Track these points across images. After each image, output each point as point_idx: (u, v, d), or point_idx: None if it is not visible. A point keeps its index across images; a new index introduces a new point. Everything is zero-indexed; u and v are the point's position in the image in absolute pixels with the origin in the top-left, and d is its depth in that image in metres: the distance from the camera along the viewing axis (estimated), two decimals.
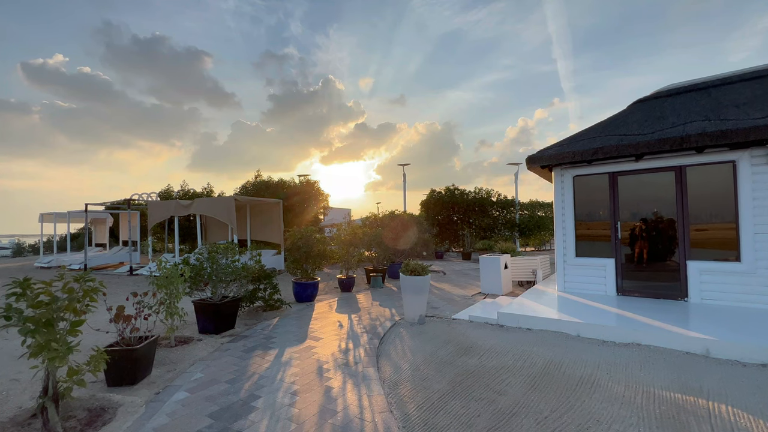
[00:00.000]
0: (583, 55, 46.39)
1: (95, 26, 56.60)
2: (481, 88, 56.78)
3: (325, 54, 62.98)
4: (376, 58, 63.23)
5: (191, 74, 65.69)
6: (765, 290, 5.10)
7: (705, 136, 5.13)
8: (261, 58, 63.82)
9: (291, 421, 2.74)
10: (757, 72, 6.25)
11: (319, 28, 54.67)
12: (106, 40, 53.02)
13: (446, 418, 2.76)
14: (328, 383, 3.42)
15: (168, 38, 61.58)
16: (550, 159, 6.51)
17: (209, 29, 48.98)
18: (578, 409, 2.84)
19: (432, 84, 61.95)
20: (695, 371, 3.55)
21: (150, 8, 46.48)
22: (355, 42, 56.24)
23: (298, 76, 71.26)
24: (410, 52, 52.19)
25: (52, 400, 2.60)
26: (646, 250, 6.08)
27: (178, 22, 47.51)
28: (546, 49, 48.75)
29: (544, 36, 44.07)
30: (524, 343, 4.45)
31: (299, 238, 7.29)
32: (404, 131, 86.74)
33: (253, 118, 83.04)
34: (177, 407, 2.98)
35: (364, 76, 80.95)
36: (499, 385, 3.30)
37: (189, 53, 60.13)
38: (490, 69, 52.67)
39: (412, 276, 5.61)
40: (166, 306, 4.38)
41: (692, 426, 2.58)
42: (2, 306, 2.53)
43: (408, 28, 45.81)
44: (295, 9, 48.01)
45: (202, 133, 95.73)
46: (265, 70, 67.52)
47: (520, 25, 41.32)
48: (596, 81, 62.32)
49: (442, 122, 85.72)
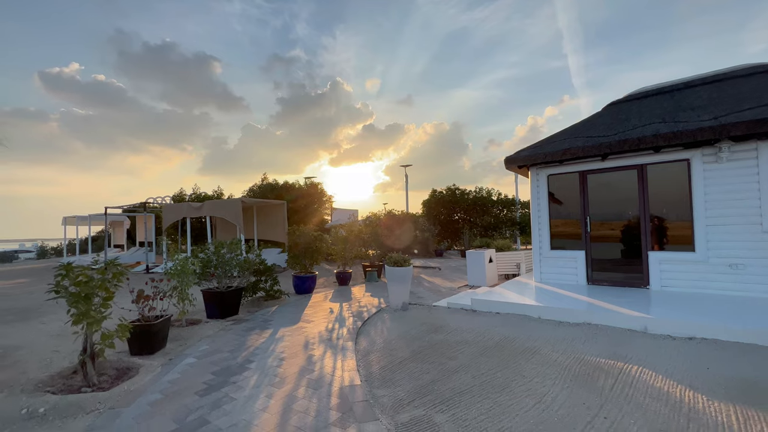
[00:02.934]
0: (595, 49, 45.70)
1: (108, 34, 58.38)
2: (488, 86, 56.34)
3: (332, 55, 63.06)
4: (382, 59, 63.18)
5: (201, 79, 67.82)
6: (715, 277, 5.57)
7: (659, 137, 5.63)
8: (268, 61, 64.92)
9: (276, 377, 3.41)
10: (718, 76, 6.70)
11: (325, 29, 54.79)
12: (119, 48, 55.15)
13: (401, 374, 3.40)
14: (311, 352, 4.09)
15: (177, 44, 62.90)
16: (525, 159, 7.07)
17: (216, 33, 49.82)
18: (512, 369, 3.44)
19: (439, 83, 61.94)
20: (629, 343, 4.09)
21: (158, 14, 47.60)
22: (361, 42, 56.31)
23: (305, 78, 72.59)
24: (416, 51, 52.09)
25: (89, 358, 3.33)
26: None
27: (186, 27, 48.50)
28: (556, 45, 48.23)
29: (553, 31, 43.69)
30: (489, 324, 5.04)
31: (298, 236, 7.99)
32: (412, 132, 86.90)
33: (261, 122, 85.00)
34: (186, 368, 3.68)
35: (371, 77, 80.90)
36: (453, 353, 3.91)
37: (198, 58, 61.69)
38: (498, 66, 52.25)
39: (395, 267, 6.24)
40: (178, 292, 5.12)
41: (599, 379, 3.16)
42: (53, 284, 3.26)
43: (413, 27, 45.84)
44: (300, 10, 48.29)
45: (213, 137, 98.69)
46: (273, 73, 68.66)
47: (528, 21, 41.07)
48: (608, 76, 61.33)
49: (450, 122, 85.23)
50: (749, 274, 5.34)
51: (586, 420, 2.51)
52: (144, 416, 2.73)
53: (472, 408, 2.71)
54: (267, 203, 13.30)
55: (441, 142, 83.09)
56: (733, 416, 2.52)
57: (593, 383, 3.09)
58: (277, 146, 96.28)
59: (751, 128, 5.01)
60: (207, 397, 3.02)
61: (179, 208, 12.69)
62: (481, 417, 2.58)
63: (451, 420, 2.56)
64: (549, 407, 2.69)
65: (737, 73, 6.54)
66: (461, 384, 3.13)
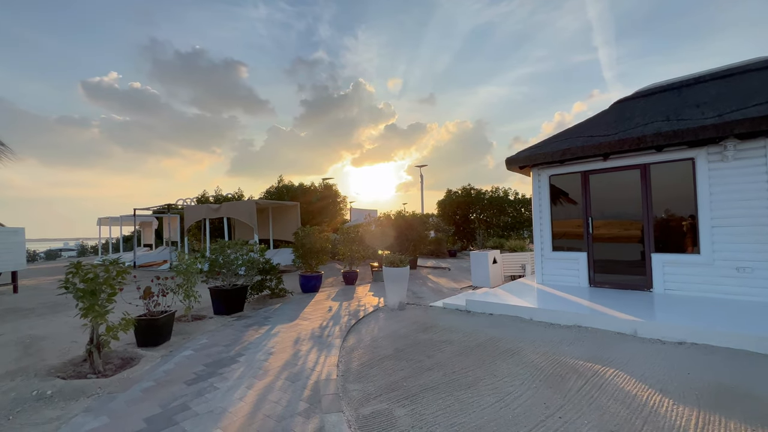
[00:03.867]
0: (628, 41, 44.06)
1: (143, 44, 62.03)
2: (514, 83, 55.53)
3: (354, 56, 64.16)
4: (404, 58, 63.52)
5: (228, 84, 70.68)
6: (721, 280, 5.36)
7: (659, 135, 5.48)
8: (292, 64, 67.18)
9: (260, 369, 3.65)
10: (729, 70, 6.39)
11: (347, 30, 55.84)
12: (153, 56, 58.81)
13: (377, 370, 3.54)
14: (299, 348, 4.31)
15: (206, 51, 66.12)
16: (525, 160, 7.02)
17: (243, 38, 51.86)
18: (485, 368, 3.51)
19: (462, 81, 61.35)
20: (615, 347, 4.05)
21: (188, 23, 50.10)
22: (383, 42, 56.92)
23: (328, 80, 73.77)
24: (438, 49, 52.14)
25: (95, 348, 3.68)
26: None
27: (214, 33, 50.67)
28: (585, 37, 46.83)
29: (582, 23, 42.49)
30: (479, 325, 5.09)
31: (303, 236, 8.27)
32: (434, 131, 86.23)
33: (286, 124, 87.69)
34: (182, 359, 3.99)
35: (393, 77, 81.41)
36: (433, 352, 4.01)
37: (226, 64, 64.75)
38: (524, 62, 51.43)
39: (392, 267, 6.38)
40: (184, 289, 5.48)
41: (569, 381, 3.18)
42: (62, 281, 3.64)
43: (436, 24, 45.91)
44: (323, 12, 49.52)
45: (240, 139, 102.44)
46: (297, 76, 70.87)
47: (555, 13, 40.15)
48: (641, 68, 58.75)
49: (474, 120, 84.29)
50: (757, 278, 5.11)
51: (539, 419, 2.57)
52: (135, 401, 3.02)
53: (433, 404, 2.83)
54: (281, 204, 13.74)
55: (464, 140, 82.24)
56: (693, 420, 2.50)
57: (562, 384, 3.12)
58: (301, 147, 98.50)
59: (756, 125, 4.80)
60: (194, 386, 3.29)
61: (199, 210, 13.34)
62: (439, 412, 2.69)
63: (410, 414, 2.69)
64: (507, 405, 2.76)
65: (750, 66, 6.22)
66: (430, 381, 3.24)
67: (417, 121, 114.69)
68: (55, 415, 2.83)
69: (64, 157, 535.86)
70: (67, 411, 2.89)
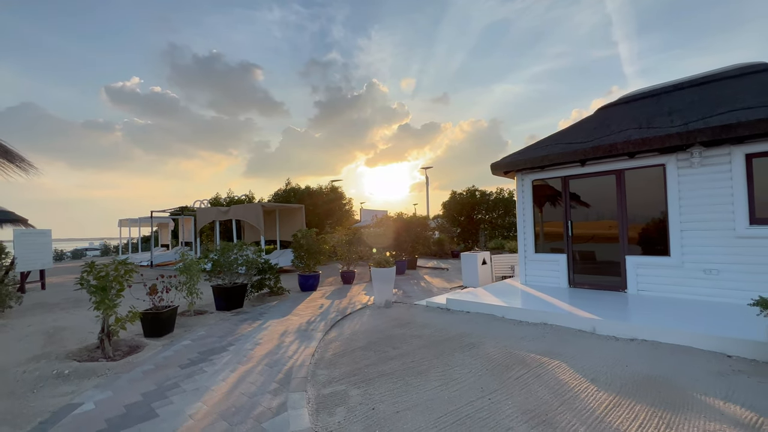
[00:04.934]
0: (650, 34, 43.00)
1: (162, 49, 64.40)
2: (530, 80, 55.00)
3: (367, 56, 64.72)
4: (417, 58, 63.66)
5: (244, 86, 72.72)
6: (690, 282, 5.58)
7: (629, 143, 5.73)
8: (306, 66, 68.36)
9: (245, 357, 4.15)
10: (707, 77, 6.56)
11: (360, 30, 56.43)
12: (172, 61, 61.13)
13: (346, 359, 4.00)
14: (283, 339, 4.80)
15: (223, 55, 68.06)
16: (507, 166, 7.34)
17: (258, 42, 53.16)
18: (443, 359, 3.91)
19: (476, 79, 60.99)
20: (571, 343, 4.38)
21: (206, 27, 51.67)
22: (396, 41, 57.27)
23: (341, 81, 74.91)
24: (452, 47, 52.12)
25: (106, 336, 4.27)
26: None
27: (231, 37, 52.12)
28: (604, 32, 46.06)
29: (601, 17, 41.76)
30: (454, 322, 5.47)
31: (301, 237, 8.80)
32: (448, 130, 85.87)
33: (301, 125, 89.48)
34: (180, 347, 4.54)
35: (406, 77, 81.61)
36: (400, 345, 4.44)
37: (241, 67, 66.59)
38: (540, 59, 50.91)
39: (379, 268, 6.82)
40: (187, 287, 6.07)
41: (513, 370, 3.56)
42: (78, 278, 4.24)
43: (449, 22, 45.89)
44: (336, 13, 50.22)
45: (256, 141, 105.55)
46: (311, 77, 72.14)
47: (573, 8, 39.59)
48: (664, 63, 57.17)
49: (489, 119, 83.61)
50: (723, 280, 5.32)
51: (471, 399, 2.97)
52: (135, 380, 3.57)
53: (384, 386, 3.26)
54: (287, 207, 14.36)
55: (478, 139, 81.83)
56: (605, 404, 2.85)
57: (505, 373, 3.50)
58: (316, 148, 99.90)
59: (716, 134, 5.02)
60: (186, 369, 3.82)
61: (210, 212, 14.09)
62: (386, 393, 3.13)
63: (362, 394, 3.13)
64: (448, 388, 3.17)
65: (727, 74, 6.38)
66: (389, 368, 3.67)
67: (431, 121, 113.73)
68: (70, 389, 3.40)
69: (90, 160, 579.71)
70: (80, 387, 3.45)
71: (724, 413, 2.68)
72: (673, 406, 2.81)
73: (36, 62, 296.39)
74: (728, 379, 3.26)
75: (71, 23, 77.98)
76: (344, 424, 2.67)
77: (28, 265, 9.53)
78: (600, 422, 2.60)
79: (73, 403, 3.12)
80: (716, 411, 2.71)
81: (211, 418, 2.82)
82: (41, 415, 2.93)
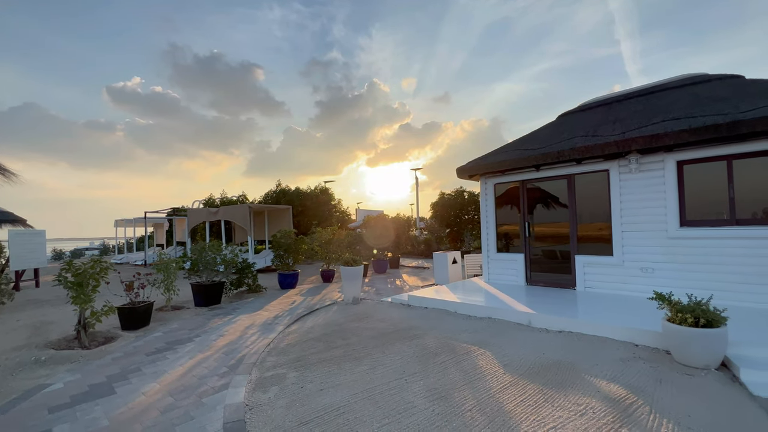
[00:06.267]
0: (652, 32, 43.01)
1: (163, 49, 64.97)
2: (532, 79, 55.11)
3: (368, 55, 64.94)
4: (419, 57, 63.87)
5: (245, 86, 73.22)
6: (630, 279, 5.99)
7: (574, 150, 6.15)
8: (307, 66, 68.87)
9: (207, 346, 4.60)
10: (653, 87, 6.96)
11: (361, 29, 56.66)
12: (173, 61, 61.69)
13: (296, 348, 4.43)
14: (246, 332, 5.25)
15: (224, 55, 68.56)
16: (471, 170, 7.76)
17: (259, 41, 53.53)
18: (382, 348, 4.34)
19: (478, 79, 61.19)
20: (505, 334, 4.80)
21: (207, 27, 52.08)
22: (397, 40, 57.51)
23: (342, 80, 75.41)
24: (454, 46, 52.32)
25: (82, 328, 4.72)
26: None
27: (231, 36, 52.52)
28: (606, 30, 46.14)
29: (603, 15, 41.92)
30: (410, 316, 5.90)
31: (280, 237, 9.25)
32: (449, 129, 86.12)
33: (302, 125, 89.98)
34: (152, 338, 4.99)
35: (408, 76, 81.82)
36: (351, 336, 4.87)
37: (242, 67, 67.02)
38: (542, 57, 51.06)
39: (347, 266, 7.25)
40: (165, 284, 6.52)
41: (440, 357, 3.99)
42: (57, 274, 4.69)
43: (451, 21, 46.09)
44: (337, 12, 50.48)
45: (257, 141, 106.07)
46: (312, 77, 72.52)
47: (575, 6, 39.74)
48: (667, 61, 57.05)
49: (490, 118, 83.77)
50: (657, 277, 5.73)
51: (389, 380, 3.40)
52: (104, 365, 4.02)
53: (319, 370, 3.70)
54: (276, 208, 14.81)
55: (480, 139, 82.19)
56: (504, 383, 3.28)
57: (431, 360, 3.93)
58: (317, 148, 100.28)
59: (648, 143, 5.43)
60: (151, 356, 4.27)
61: (200, 213, 14.56)
62: (320, 376, 3.56)
63: (298, 376, 3.57)
64: (374, 372, 3.60)
65: (671, 84, 6.78)
66: (330, 356, 4.11)
67: (432, 120, 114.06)
68: (45, 373, 3.86)
69: (92, 160, 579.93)
70: (54, 371, 3.91)
71: (601, 390, 3.11)
72: (562, 385, 3.23)
73: (38, 62, 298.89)
74: (626, 364, 3.69)
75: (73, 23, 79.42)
76: (273, 400, 3.11)
77: (22, 264, 10.01)
78: (490, 397, 3.04)
79: (45, 383, 3.58)
80: (595, 389, 3.14)
81: (161, 394, 3.26)
82: (16, 393, 3.38)
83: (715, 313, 3.47)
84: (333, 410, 2.88)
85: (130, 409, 3.03)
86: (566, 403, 2.91)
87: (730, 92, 5.57)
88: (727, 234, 5.18)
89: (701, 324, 3.45)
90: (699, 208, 5.52)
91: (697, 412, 2.73)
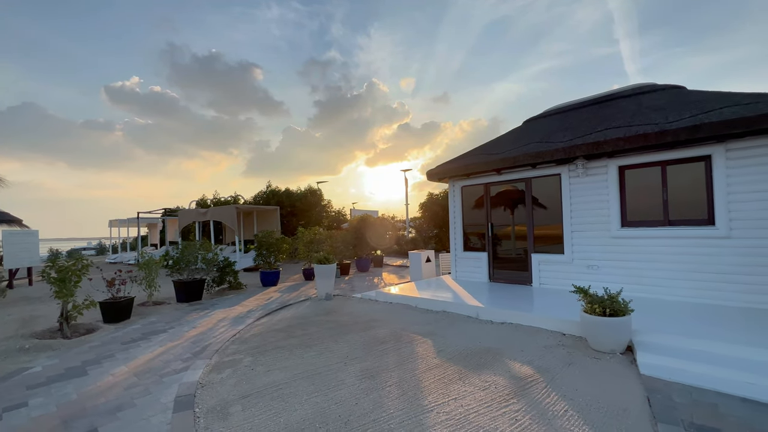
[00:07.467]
0: (651, 32, 43.42)
1: (161, 48, 65.35)
2: (531, 79, 55.50)
3: (367, 55, 65.21)
4: (417, 56, 64.22)
5: (244, 86, 73.59)
6: (578, 276, 6.43)
7: (528, 155, 6.59)
8: (305, 65, 69.22)
9: (179, 337, 5.04)
10: (605, 96, 7.40)
11: (359, 28, 57.02)
12: (171, 61, 62.00)
13: (259, 338, 4.87)
14: (218, 324, 5.69)
15: (222, 54, 68.87)
16: (439, 173, 8.20)
17: (257, 40, 53.85)
18: (336, 338, 4.78)
19: (477, 78, 61.58)
20: (455, 325, 5.23)
21: (205, 26, 52.42)
22: (396, 40, 57.86)
23: (341, 80, 75.72)
24: (453, 46, 52.72)
25: (65, 320, 5.16)
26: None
27: (230, 36, 52.88)
28: (605, 29, 46.54)
29: (602, 14, 42.28)
30: (374, 310, 6.34)
31: (261, 237, 9.68)
32: (449, 129, 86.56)
33: (301, 125, 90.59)
34: (130, 330, 5.43)
35: (406, 76, 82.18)
36: (310, 327, 5.31)
37: (241, 66, 67.37)
38: (542, 57, 51.51)
39: (320, 264, 7.69)
40: (147, 280, 6.96)
41: (385, 344, 4.42)
42: (41, 271, 5.13)
43: (450, 20, 46.41)
44: (335, 11, 50.77)
45: (256, 141, 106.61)
46: (310, 77, 72.94)
47: (574, 5, 40.10)
48: (666, 60, 57.41)
49: (489, 117, 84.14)
50: (601, 274, 6.17)
51: (330, 363, 3.84)
52: (81, 352, 4.46)
53: (272, 355, 4.14)
54: (264, 209, 15.24)
55: (479, 139, 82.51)
56: (431, 366, 3.72)
57: (375, 347, 4.37)
58: (316, 148, 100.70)
59: (591, 149, 5.88)
60: (125, 345, 4.71)
61: (190, 213, 14.99)
62: (271, 359, 4.00)
63: (252, 360, 4.01)
64: (320, 357, 4.04)
65: (622, 93, 7.22)
66: (287, 344, 4.55)
67: (431, 120, 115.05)
68: (28, 359, 4.29)
69: (90, 159, 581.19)
70: (36, 357, 4.34)
71: (512, 371, 3.55)
72: (481, 367, 3.67)
73: (37, 62, 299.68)
74: (548, 350, 4.13)
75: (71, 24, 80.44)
76: (225, 379, 3.55)
77: (15, 263, 10.43)
78: (413, 377, 3.48)
79: (26, 367, 4.01)
80: (507, 370, 3.58)
81: (127, 375, 3.70)
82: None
83: (620, 303, 3.91)
84: (273, 386, 3.32)
85: (98, 386, 3.46)
86: (476, 381, 3.35)
87: (667, 103, 6.01)
88: (660, 234, 5.63)
89: (608, 313, 3.89)
90: (639, 209, 5.96)
91: (584, 388, 3.17)
